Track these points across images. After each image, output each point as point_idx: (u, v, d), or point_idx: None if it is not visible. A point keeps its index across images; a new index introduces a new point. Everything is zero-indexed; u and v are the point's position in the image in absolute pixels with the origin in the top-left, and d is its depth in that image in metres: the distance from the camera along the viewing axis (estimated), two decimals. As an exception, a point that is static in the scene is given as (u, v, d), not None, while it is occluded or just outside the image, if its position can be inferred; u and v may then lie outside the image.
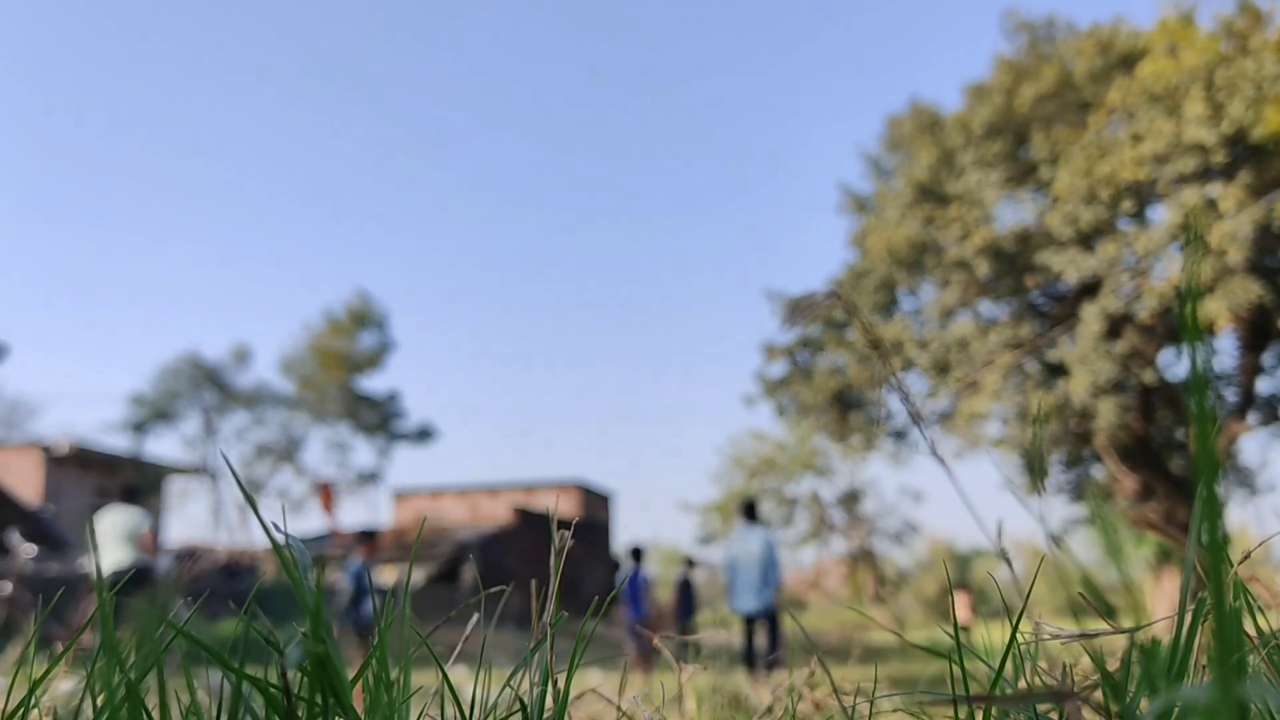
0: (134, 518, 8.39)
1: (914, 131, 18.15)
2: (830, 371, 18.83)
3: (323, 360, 36.00)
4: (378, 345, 37.00)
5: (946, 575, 1.71)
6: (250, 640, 0.79)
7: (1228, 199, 13.66)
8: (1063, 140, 15.80)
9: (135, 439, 34.00)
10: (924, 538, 48.64)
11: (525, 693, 0.85)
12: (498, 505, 31.41)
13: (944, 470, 0.76)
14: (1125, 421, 15.38)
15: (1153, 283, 14.57)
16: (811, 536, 37.97)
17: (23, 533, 10.47)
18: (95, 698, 0.75)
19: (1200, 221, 13.60)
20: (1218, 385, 16.81)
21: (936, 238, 16.73)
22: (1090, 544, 24.32)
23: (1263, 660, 0.82)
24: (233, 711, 0.70)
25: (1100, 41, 16.13)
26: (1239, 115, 13.38)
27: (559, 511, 5.13)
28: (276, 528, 0.71)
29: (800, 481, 37.68)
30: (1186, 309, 0.40)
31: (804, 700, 1.27)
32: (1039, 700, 0.61)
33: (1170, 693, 0.45)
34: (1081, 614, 0.85)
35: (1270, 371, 17.10)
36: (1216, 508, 0.43)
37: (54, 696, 1.45)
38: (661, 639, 1.26)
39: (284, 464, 36.57)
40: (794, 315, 0.73)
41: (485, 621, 0.93)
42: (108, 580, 7.45)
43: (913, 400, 0.78)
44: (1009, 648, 0.79)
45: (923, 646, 0.76)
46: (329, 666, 0.65)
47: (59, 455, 24.56)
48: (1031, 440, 16.24)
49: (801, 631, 1.58)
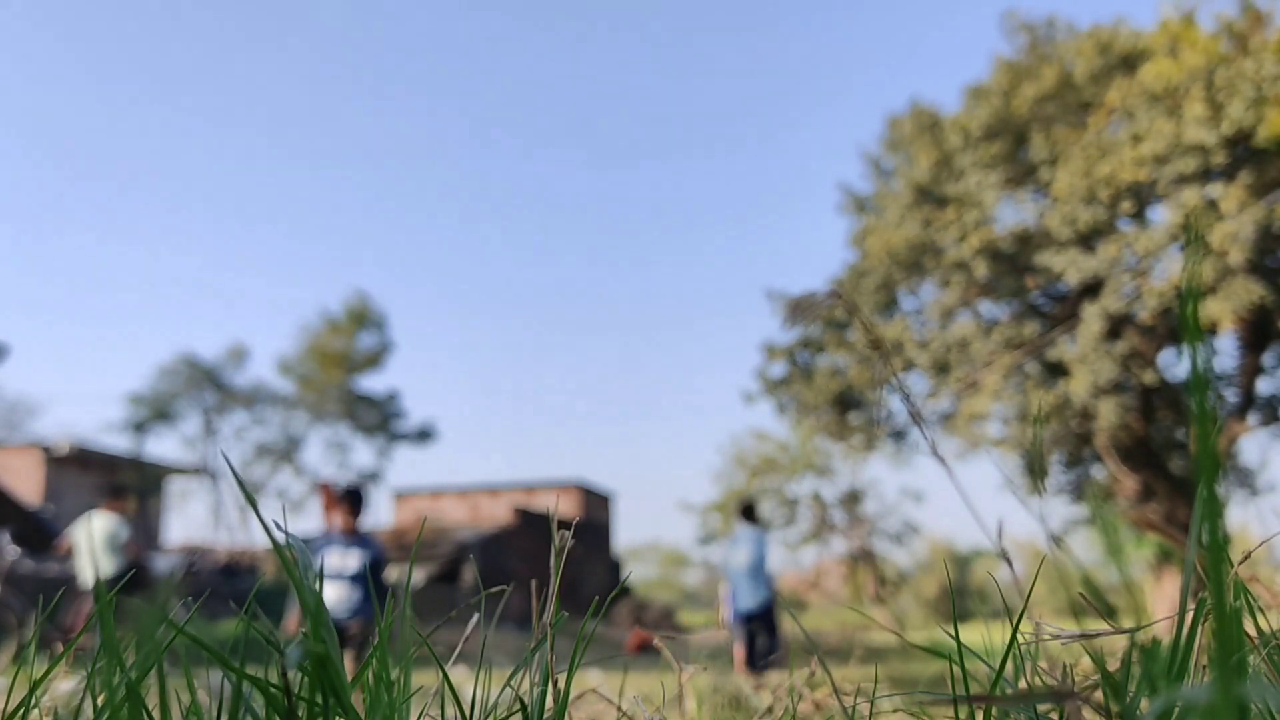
0: (113, 525, 8.33)
1: (914, 132, 18.14)
2: (831, 371, 18.83)
3: (321, 360, 35.99)
4: (377, 345, 36.98)
5: (947, 576, 1.71)
6: (250, 640, 0.79)
7: (1228, 200, 13.66)
8: (1062, 141, 15.79)
9: (135, 439, 33.99)
10: (924, 538, 48.64)
11: (525, 693, 0.85)
12: (498, 505, 31.41)
13: (945, 470, 0.76)
14: (1126, 422, 15.38)
15: (1153, 283, 14.56)
16: (812, 537, 37.96)
17: (13, 534, 10.42)
18: (95, 698, 0.76)
19: (1201, 222, 13.59)
20: (1218, 386, 16.81)
21: (935, 239, 16.72)
22: (1091, 544, 24.31)
23: (1263, 660, 0.82)
24: (233, 711, 0.70)
25: (1100, 42, 16.12)
26: (1239, 116, 13.37)
27: (559, 511, 5.11)
28: (277, 527, 0.71)
29: (802, 481, 37.67)
30: (1187, 310, 0.40)
31: (804, 700, 1.27)
32: (1039, 700, 0.61)
33: (1170, 693, 0.45)
34: (1082, 614, 0.85)
35: (1271, 372, 17.10)
36: (1217, 508, 0.43)
37: (54, 697, 1.45)
38: (662, 639, 1.26)
39: (284, 464, 36.55)
40: (795, 315, 0.73)
41: (485, 622, 0.93)
42: (105, 584, 7.45)
43: (913, 400, 0.78)
44: (1009, 648, 0.79)
45: (923, 647, 0.76)
46: (329, 666, 0.65)
47: (59, 455, 24.56)
48: (1032, 441, 16.23)
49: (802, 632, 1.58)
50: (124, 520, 8.52)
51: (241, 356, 36.64)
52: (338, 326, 36.62)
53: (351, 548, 6.15)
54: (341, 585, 6.08)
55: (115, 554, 8.20)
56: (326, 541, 6.28)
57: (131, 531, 8.57)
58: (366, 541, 6.30)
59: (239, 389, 36.38)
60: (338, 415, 36.36)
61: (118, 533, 8.30)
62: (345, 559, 6.11)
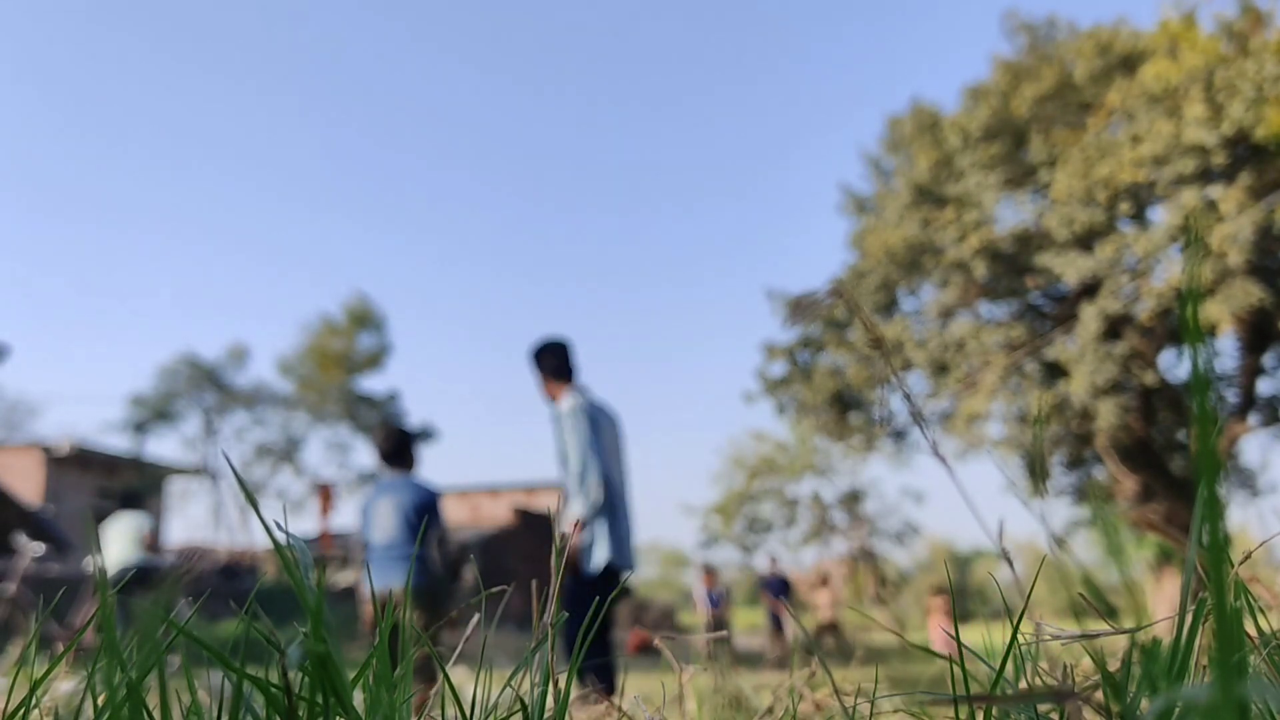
0: (138, 520, 8.60)
1: (914, 132, 18.14)
2: (830, 371, 18.82)
3: (321, 361, 36.01)
4: (377, 346, 37.01)
5: (948, 576, 1.71)
6: (251, 640, 0.79)
7: (1228, 201, 13.65)
8: (1062, 142, 15.79)
9: (135, 439, 34.01)
10: (925, 539, 48.63)
11: (526, 693, 0.85)
12: (498, 506, 31.41)
13: (945, 470, 0.76)
14: (1126, 423, 15.38)
15: (1153, 284, 14.56)
16: (813, 537, 37.96)
17: (27, 534, 10.54)
18: (96, 697, 0.76)
19: (1200, 223, 13.59)
20: (1219, 386, 16.81)
21: (935, 239, 16.73)
22: (1091, 545, 24.30)
23: (1263, 661, 0.82)
24: (234, 711, 0.70)
25: (1100, 43, 16.11)
26: (1239, 116, 13.37)
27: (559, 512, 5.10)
28: (278, 527, 0.71)
29: (801, 482, 37.67)
30: (1188, 311, 0.40)
31: (805, 700, 1.27)
32: (1040, 700, 0.61)
33: (1171, 693, 0.45)
34: (1082, 615, 0.85)
35: (1271, 373, 17.09)
36: (1218, 509, 0.43)
37: (55, 696, 1.45)
38: (661, 639, 1.26)
39: (284, 464, 36.57)
40: (796, 314, 0.74)
41: (486, 622, 0.94)
42: (111, 579, 7.51)
43: (914, 400, 0.78)
44: (1010, 648, 0.79)
45: (923, 647, 0.76)
46: (330, 666, 0.65)
47: (59, 455, 24.56)
48: (1032, 441, 16.23)
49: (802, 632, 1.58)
50: (148, 515, 8.82)
51: (242, 357, 36.67)
52: (337, 327, 36.64)
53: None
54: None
55: (137, 546, 8.43)
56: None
57: (152, 524, 8.78)
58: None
59: (239, 389, 36.41)
60: (338, 415, 36.39)
61: (141, 526, 8.55)
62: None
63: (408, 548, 5.21)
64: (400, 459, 5.43)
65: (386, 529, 5.24)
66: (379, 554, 5.23)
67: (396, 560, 5.19)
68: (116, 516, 8.63)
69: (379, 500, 5.34)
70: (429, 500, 5.31)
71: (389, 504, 5.28)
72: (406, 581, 0.64)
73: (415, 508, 5.26)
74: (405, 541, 5.22)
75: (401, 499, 5.27)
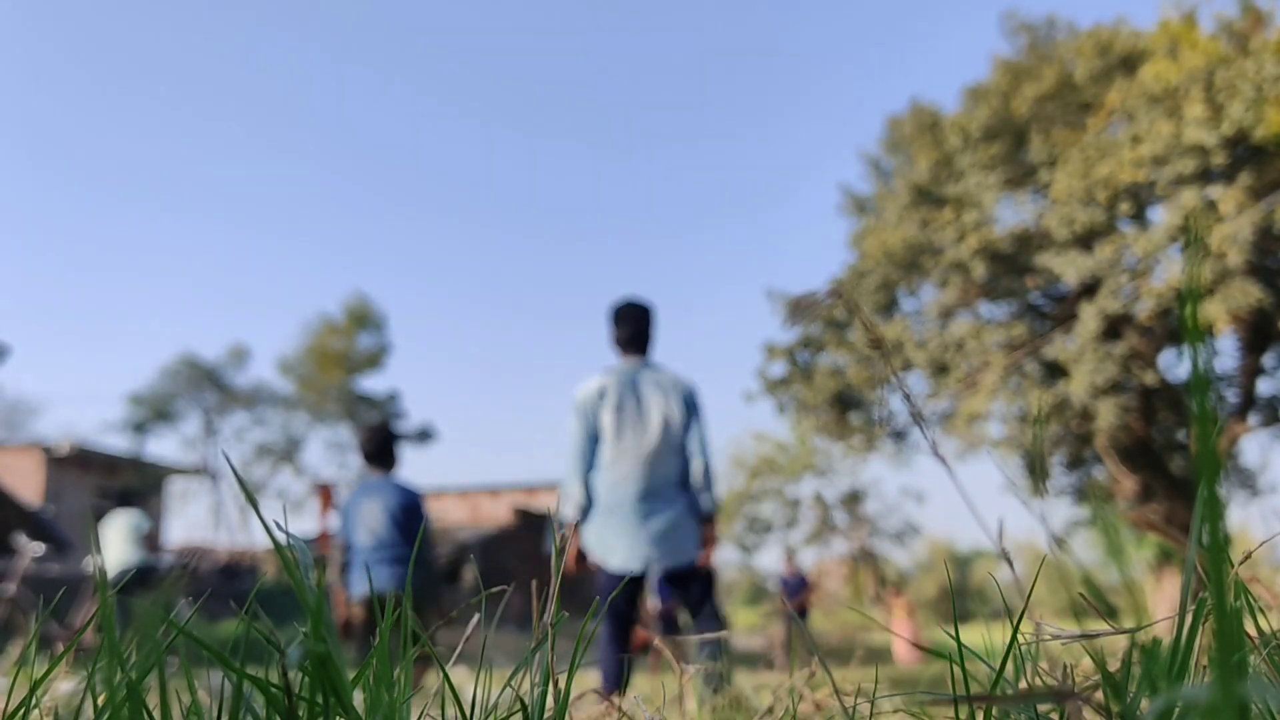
0: (136, 519, 8.63)
1: (914, 132, 18.14)
2: (831, 371, 18.82)
3: (321, 361, 36.02)
4: (377, 346, 37.01)
5: (948, 576, 1.71)
6: (251, 640, 0.79)
7: (1228, 201, 13.65)
8: (1062, 142, 15.79)
9: (135, 439, 34.03)
10: (925, 539, 48.65)
11: (526, 693, 0.85)
12: (498, 506, 31.40)
13: (945, 470, 0.76)
14: (1126, 423, 15.38)
15: (1152, 284, 14.56)
16: (813, 537, 37.98)
17: (27, 534, 10.57)
18: (96, 698, 0.76)
19: (1200, 223, 13.59)
20: (1219, 386, 16.82)
21: (934, 239, 16.73)
22: (1091, 545, 24.30)
23: (1263, 661, 0.82)
24: (234, 711, 0.70)
25: (1100, 43, 16.11)
26: (1239, 116, 13.36)
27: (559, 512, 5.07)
28: (277, 527, 0.71)
29: (801, 482, 37.69)
30: (1188, 311, 0.40)
31: (805, 701, 1.27)
32: (1040, 700, 0.61)
33: (1171, 693, 0.45)
34: (1082, 615, 0.85)
35: (1271, 373, 17.10)
36: (1218, 508, 0.43)
37: (55, 697, 1.45)
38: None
39: (284, 464, 36.57)
40: (796, 314, 0.73)
41: (486, 622, 0.93)
42: (111, 579, 7.52)
43: (914, 400, 0.78)
44: (1010, 648, 0.79)
45: (923, 647, 0.76)
46: (330, 666, 0.65)
47: (59, 455, 24.57)
48: (1032, 441, 16.23)
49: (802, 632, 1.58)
50: (144, 514, 8.84)
51: (242, 357, 36.68)
52: (337, 327, 36.64)
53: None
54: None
55: (138, 545, 8.47)
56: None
57: (152, 524, 8.83)
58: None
59: (239, 389, 36.42)
60: (338, 415, 36.39)
61: (140, 524, 8.58)
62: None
63: (398, 548, 5.18)
64: (382, 458, 5.42)
65: (374, 530, 5.22)
66: (366, 555, 5.20)
67: (387, 561, 5.16)
68: (114, 515, 8.64)
69: (363, 501, 5.31)
70: (415, 501, 5.32)
71: (375, 505, 5.26)
72: (407, 582, 0.64)
73: (403, 508, 5.25)
74: (395, 542, 5.20)
75: (387, 500, 5.25)
